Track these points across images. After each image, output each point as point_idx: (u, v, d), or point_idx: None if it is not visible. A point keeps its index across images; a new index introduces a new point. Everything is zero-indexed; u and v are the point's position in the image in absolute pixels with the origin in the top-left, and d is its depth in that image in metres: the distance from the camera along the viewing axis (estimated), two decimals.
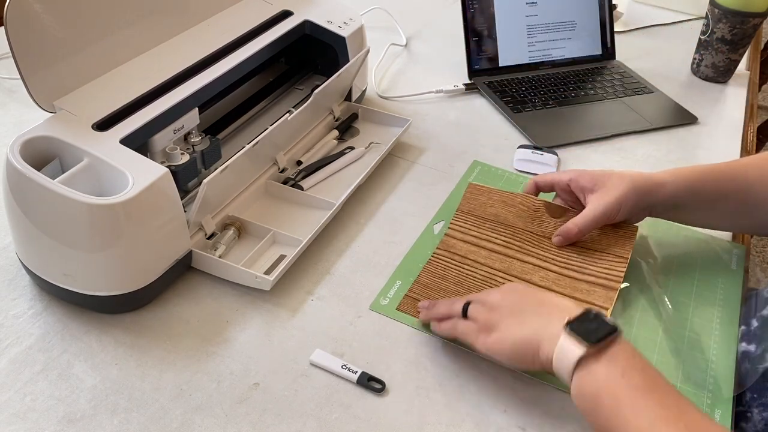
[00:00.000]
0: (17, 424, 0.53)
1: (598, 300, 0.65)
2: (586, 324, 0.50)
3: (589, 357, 0.49)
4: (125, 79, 0.67)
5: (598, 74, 1.07)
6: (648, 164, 0.88)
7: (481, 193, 0.76)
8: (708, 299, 0.68)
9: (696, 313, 0.66)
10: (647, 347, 0.62)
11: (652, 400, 0.47)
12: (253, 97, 0.85)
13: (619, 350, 0.49)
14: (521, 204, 0.74)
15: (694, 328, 0.64)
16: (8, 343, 0.59)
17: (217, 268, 0.65)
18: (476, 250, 0.70)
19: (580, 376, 0.49)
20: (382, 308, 0.65)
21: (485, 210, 0.74)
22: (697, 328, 0.64)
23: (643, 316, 0.65)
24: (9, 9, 0.56)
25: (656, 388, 0.48)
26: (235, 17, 0.80)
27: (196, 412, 0.55)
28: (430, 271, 0.69)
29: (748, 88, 1.09)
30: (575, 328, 0.50)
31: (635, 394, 0.47)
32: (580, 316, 0.51)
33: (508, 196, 0.75)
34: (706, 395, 0.58)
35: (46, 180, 0.55)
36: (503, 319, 0.55)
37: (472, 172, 0.84)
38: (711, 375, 0.60)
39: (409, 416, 0.55)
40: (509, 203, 0.74)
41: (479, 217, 0.74)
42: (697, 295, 0.68)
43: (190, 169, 0.68)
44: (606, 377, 0.48)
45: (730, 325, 0.65)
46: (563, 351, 0.50)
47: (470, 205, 0.75)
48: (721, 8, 1.02)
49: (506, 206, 0.74)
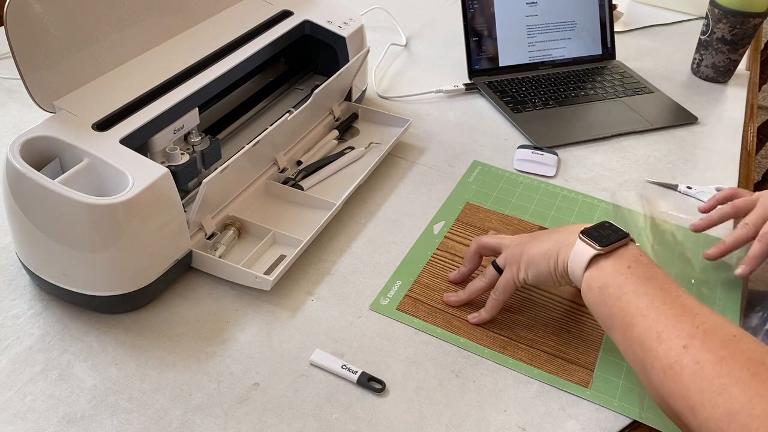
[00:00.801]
0: (17, 424, 0.53)
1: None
2: (600, 230, 0.56)
3: (599, 256, 0.54)
4: (125, 79, 0.67)
5: (598, 74, 1.07)
6: (648, 164, 0.88)
7: (478, 211, 0.78)
8: (708, 299, 0.68)
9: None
10: None
11: (653, 285, 0.51)
12: (253, 97, 0.85)
13: (628, 251, 0.54)
14: (518, 224, 0.76)
15: None
16: (8, 343, 0.59)
17: (217, 268, 0.65)
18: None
19: (590, 272, 0.54)
20: (382, 308, 0.65)
21: (483, 224, 0.76)
22: None
23: None
24: (9, 9, 0.56)
25: (658, 276, 0.52)
26: (235, 17, 0.80)
27: (196, 412, 0.55)
28: (430, 271, 0.69)
29: (748, 88, 1.09)
30: (589, 233, 0.55)
31: (638, 281, 0.51)
32: (595, 225, 0.57)
33: (505, 217, 0.77)
34: None
35: (46, 180, 0.55)
36: (528, 245, 0.60)
37: (472, 172, 0.84)
38: None
39: (409, 416, 0.55)
40: (506, 222, 0.76)
41: (478, 228, 0.75)
42: (697, 294, 0.68)
43: (190, 169, 0.68)
44: (613, 269, 0.53)
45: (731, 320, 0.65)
46: (577, 253, 0.55)
47: (469, 219, 0.76)
48: (721, 8, 1.02)
49: (503, 224, 0.76)
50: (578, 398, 0.58)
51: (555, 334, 0.63)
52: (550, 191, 0.81)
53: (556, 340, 0.62)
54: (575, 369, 0.60)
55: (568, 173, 0.85)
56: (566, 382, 0.59)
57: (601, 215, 0.78)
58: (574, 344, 0.62)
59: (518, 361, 0.60)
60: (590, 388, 0.58)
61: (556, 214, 0.78)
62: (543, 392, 0.58)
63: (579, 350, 0.62)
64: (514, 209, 0.78)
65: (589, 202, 0.80)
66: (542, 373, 0.59)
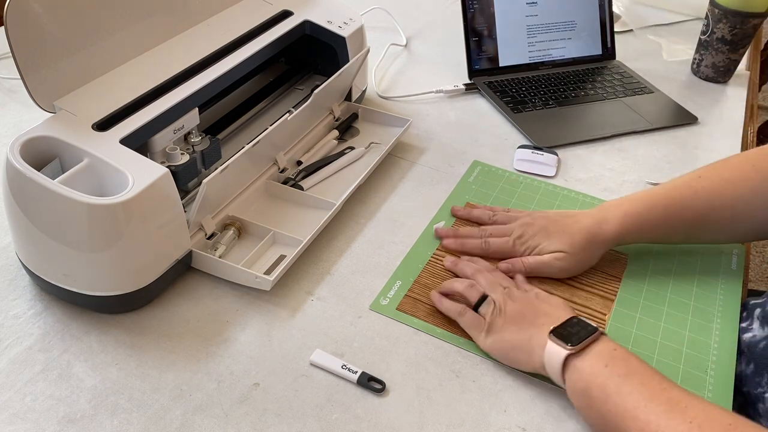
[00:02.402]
0: (17, 424, 0.53)
1: (596, 306, 0.66)
2: (569, 329, 0.55)
3: (573, 356, 0.53)
4: (125, 79, 0.67)
5: (598, 74, 1.07)
6: (648, 164, 0.88)
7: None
8: (708, 300, 0.68)
9: (695, 313, 0.66)
10: (647, 347, 0.62)
11: (635, 383, 0.50)
12: (253, 97, 0.85)
13: (601, 347, 0.53)
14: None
15: (694, 328, 0.64)
16: (8, 343, 0.59)
17: (217, 268, 0.65)
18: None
19: (569, 375, 0.54)
20: (382, 308, 0.65)
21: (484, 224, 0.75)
22: (696, 328, 0.64)
23: (643, 317, 0.65)
24: (9, 9, 0.56)
25: (638, 371, 0.51)
26: (235, 17, 0.80)
27: (196, 412, 0.55)
28: (430, 271, 0.69)
29: (748, 88, 1.09)
30: (558, 333, 0.55)
31: (619, 381, 0.51)
32: (564, 323, 0.56)
33: None
34: (706, 396, 0.58)
35: (46, 180, 0.55)
36: (506, 325, 0.59)
37: (472, 172, 0.84)
38: (711, 375, 0.60)
39: (409, 416, 0.55)
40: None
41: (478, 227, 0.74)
42: (697, 295, 0.68)
43: (190, 169, 0.68)
44: (591, 371, 0.52)
45: (731, 324, 0.65)
46: (550, 354, 0.54)
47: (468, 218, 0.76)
48: (721, 8, 1.02)
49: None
50: None
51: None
52: (550, 191, 0.81)
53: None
54: None
55: (568, 173, 0.85)
56: None
57: None
58: None
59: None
60: None
61: None
62: (543, 392, 0.58)
63: None
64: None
65: (589, 202, 0.80)
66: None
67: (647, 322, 0.65)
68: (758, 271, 1.93)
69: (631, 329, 0.64)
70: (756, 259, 1.97)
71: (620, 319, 0.65)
